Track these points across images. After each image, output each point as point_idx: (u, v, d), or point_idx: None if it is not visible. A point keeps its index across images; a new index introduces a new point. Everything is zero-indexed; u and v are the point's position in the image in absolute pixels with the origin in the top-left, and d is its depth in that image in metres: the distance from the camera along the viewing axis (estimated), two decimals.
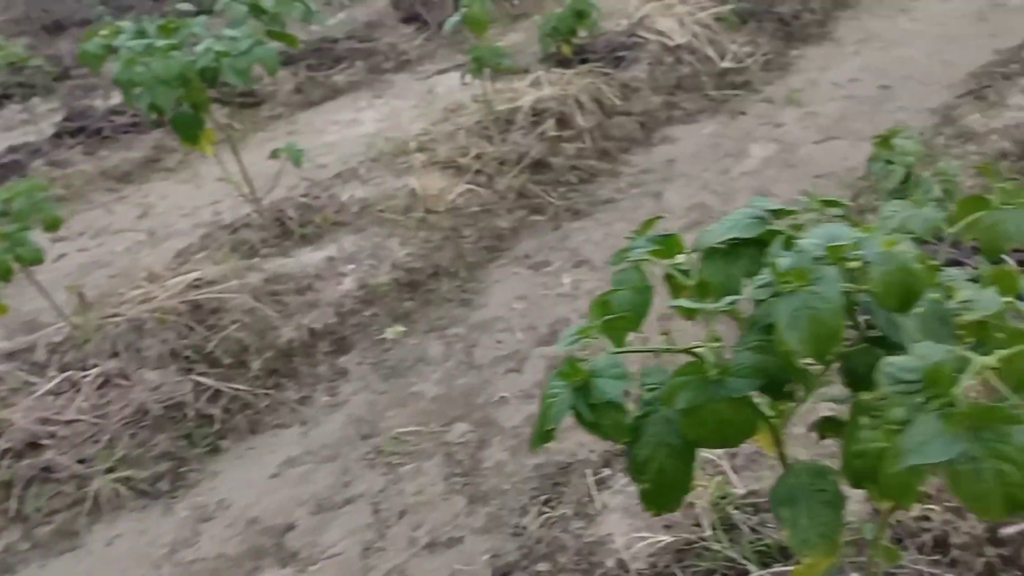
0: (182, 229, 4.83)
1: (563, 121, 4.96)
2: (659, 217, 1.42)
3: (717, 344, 1.10)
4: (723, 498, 2.13)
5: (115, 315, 3.44)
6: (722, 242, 1.26)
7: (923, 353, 0.89)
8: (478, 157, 4.61)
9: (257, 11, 3.40)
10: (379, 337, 3.67)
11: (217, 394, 3.30)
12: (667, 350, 1.16)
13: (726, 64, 5.53)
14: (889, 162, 2.57)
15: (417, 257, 4.02)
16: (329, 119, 6.09)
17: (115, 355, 3.33)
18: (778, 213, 1.27)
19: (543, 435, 1.14)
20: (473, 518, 2.70)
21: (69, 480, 2.95)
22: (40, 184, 2.94)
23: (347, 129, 5.88)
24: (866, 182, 3.65)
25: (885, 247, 1.00)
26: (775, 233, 1.21)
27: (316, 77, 6.47)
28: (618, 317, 1.16)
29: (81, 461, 3.02)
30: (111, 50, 3.26)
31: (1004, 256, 2.57)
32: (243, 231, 4.24)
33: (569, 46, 5.39)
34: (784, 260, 1.04)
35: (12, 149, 5.95)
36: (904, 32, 5.85)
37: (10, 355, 3.35)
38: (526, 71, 5.40)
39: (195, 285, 3.64)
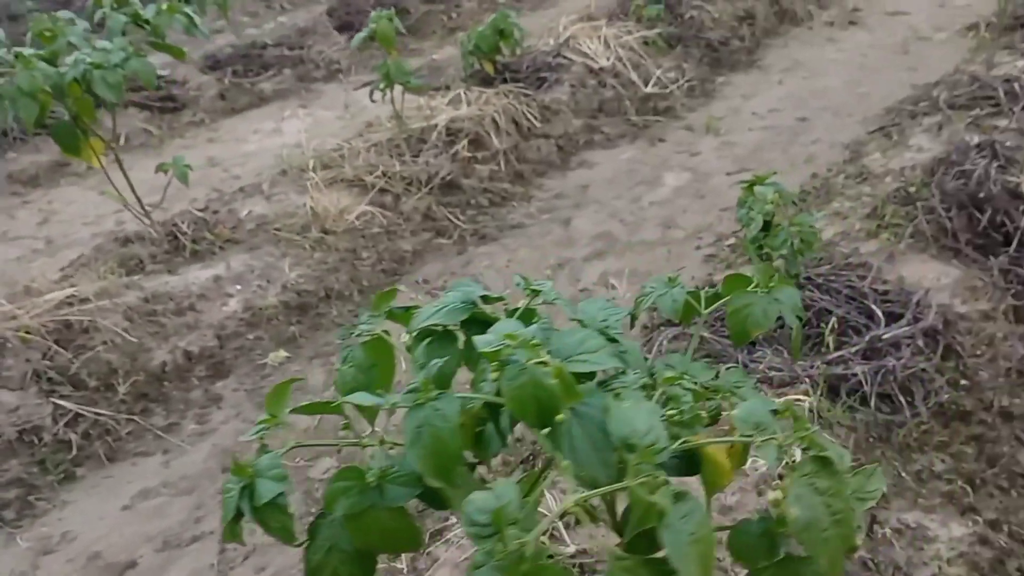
0: (81, 239, 4.68)
1: (478, 141, 4.90)
2: (396, 289, 1.34)
3: (389, 443, 1.02)
4: (550, 557, 2.05)
5: None
6: (433, 325, 1.19)
7: (500, 492, 0.82)
8: (385, 175, 4.52)
9: (139, 22, 3.29)
10: (260, 362, 3.57)
11: (77, 418, 3.18)
12: (339, 444, 1.09)
13: (650, 89, 5.50)
14: (751, 209, 2.53)
15: (309, 279, 3.92)
16: (251, 127, 5.97)
17: None
18: (487, 299, 1.21)
19: (227, 533, 1.07)
20: None
21: None
22: None
23: (268, 139, 5.76)
24: None
25: (528, 359, 0.93)
26: (484, 318, 1.15)
27: (242, 84, 6.34)
28: (310, 404, 1.09)
29: None
30: None
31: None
32: (135, 245, 4.11)
33: (492, 64, 5.32)
34: (425, 369, 0.98)
35: None
36: (829, 62, 5.86)
37: None
38: (447, 88, 5.33)
39: (68, 302, 3.51)
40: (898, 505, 2.40)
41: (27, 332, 3.29)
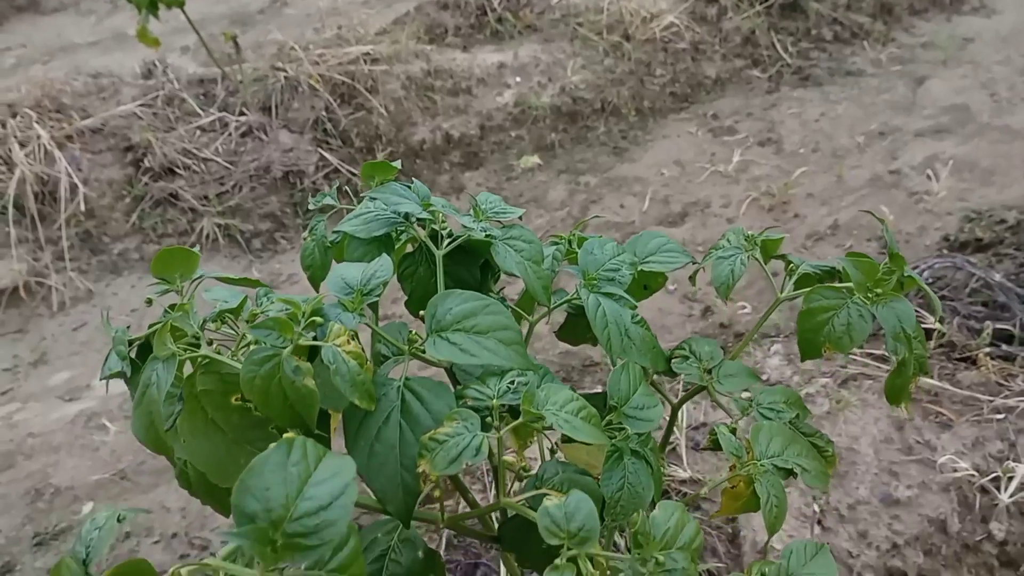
0: None
1: None
2: (390, 164, 1.10)
3: None
4: None
5: (280, 69, 3.58)
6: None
7: None
8: None
9: None
10: (510, 163, 3.49)
11: (336, 172, 3.40)
12: None
13: None
14: None
15: (591, 87, 3.65)
16: None
17: (265, 109, 3.51)
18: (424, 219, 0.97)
19: None
20: None
21: (186, 212, 3.29)
22: None
23: None
24: None
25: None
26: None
27: None
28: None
29: (204, 198, 3.33)
30: None
31: None
32: (447, 13, 4.10)
33: None
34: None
35: None
36: None
37: (190, 84, 3.67)
38: None
39: (363, 59, 3.65)
40: None
41: (320, 80, 3.51)
